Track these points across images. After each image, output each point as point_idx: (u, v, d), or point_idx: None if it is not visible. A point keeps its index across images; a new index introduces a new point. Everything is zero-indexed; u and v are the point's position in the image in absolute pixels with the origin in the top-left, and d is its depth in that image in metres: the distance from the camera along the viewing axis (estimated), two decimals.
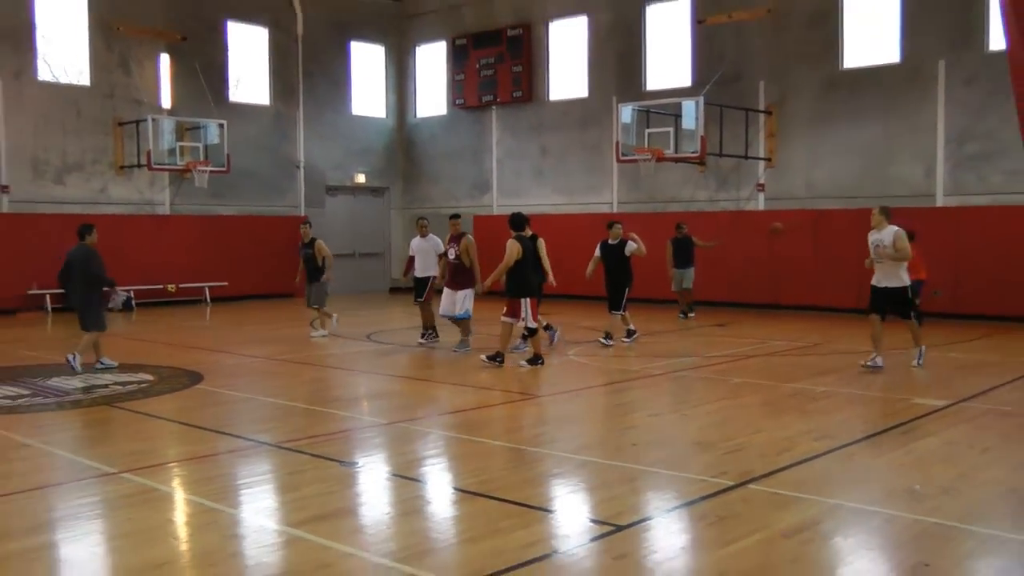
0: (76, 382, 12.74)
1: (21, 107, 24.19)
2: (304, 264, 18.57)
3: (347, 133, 30.90)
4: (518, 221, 14.45)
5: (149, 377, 13.14)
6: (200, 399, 11.85)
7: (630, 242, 16.27)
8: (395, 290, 30.04)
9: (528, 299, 14.00)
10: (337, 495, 7.52)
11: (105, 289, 14.02)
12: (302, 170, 29.76)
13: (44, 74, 24.84)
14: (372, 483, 8.14)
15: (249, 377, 13.84)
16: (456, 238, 15.75)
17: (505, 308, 14.13)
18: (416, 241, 16.78)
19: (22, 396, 11.75)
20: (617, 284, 16.43)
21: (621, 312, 16.47)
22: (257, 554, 6.12)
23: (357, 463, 8.63)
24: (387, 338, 17.13)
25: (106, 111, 25.63)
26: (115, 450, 9.15)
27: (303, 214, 28.97)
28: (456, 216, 16.50)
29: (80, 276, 13.58)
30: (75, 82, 25.41)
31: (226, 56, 28.11)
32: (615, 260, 16.40)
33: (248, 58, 28.74)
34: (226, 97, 27.87)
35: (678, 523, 6.80)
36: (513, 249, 13.92)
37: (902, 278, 13.29)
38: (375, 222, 31.35)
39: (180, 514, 7.19)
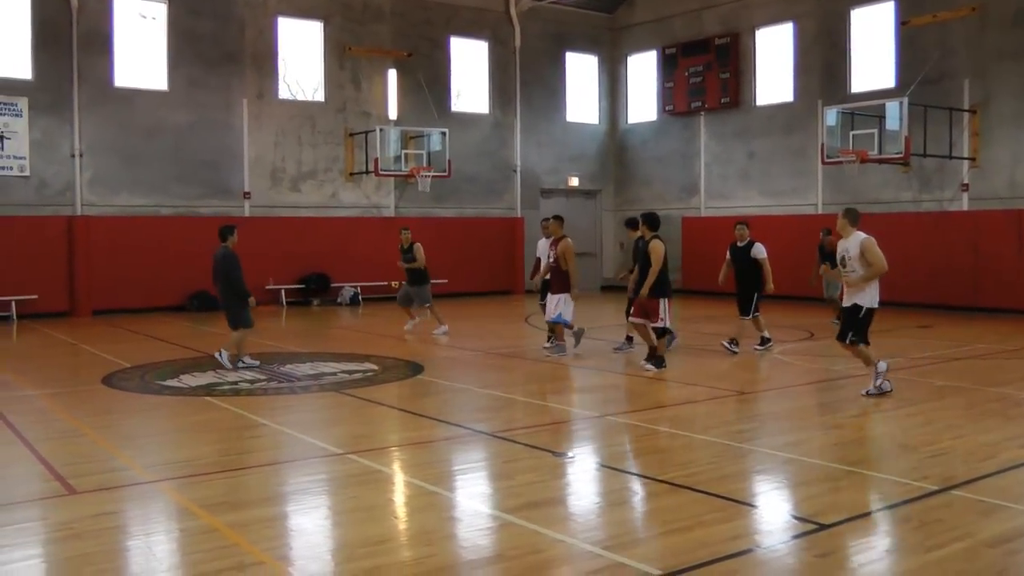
0: (307, 369, 13.85)
1: (262, 123, 26.42)
2: (406, 268, 18.99)
3: (561, 139, 31.93)
4: (655, 221, 14.12)
5: (374, 367, 14.18)
6: (421, 388, 12.64)
7: (758, 244, 15.69)
8: (607, 288, 30.66)
9: (667, 299, 13.73)
10: (549, 484, 7.81)
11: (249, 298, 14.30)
12: (519, 174, 30.93)
13: (283, 93, 27.10)
14: (582, 473, 8.42)
15: (467, 369, 14.45)
16: (556, 241, 15.48)
17: (633, 309, 14.09)
18: (542, 243, 16.63)
19: (259, 380, 13.03)
20: (746, 288, 15.73)
21: (751, 317, 15.70)
22: (472, 536, 6.48)
23: (569, 454, 8.92)
24: (598, 335, 17.49)
25: (338, 124, 27.59)
26: (342, 433, 9.91)
27: (519, 216, 30.26)
28: (551, 218, 16.07)
29: (222, 277, 14.19)
30: (310, 99, 27.63)
31: (449, 69, 29.64)
32: (743, 262, 15.74)
33: (469, 70, 30.24)
34: (448, 107, 29.41)
35: (880, 525, 6.79)
36: (660, 250, 13.72)
37: (868, 294, 11.35)
38: (587, 223, 32.10)
39: (400, 495, 7.73)
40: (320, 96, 27.73)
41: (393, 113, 28.47)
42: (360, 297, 26.47)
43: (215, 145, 25.94)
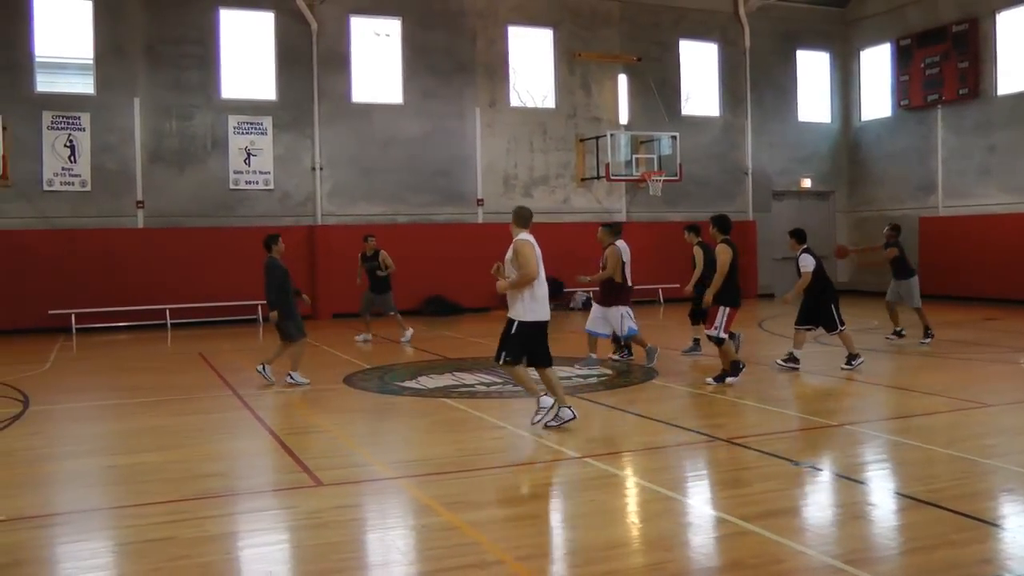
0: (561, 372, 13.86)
1: (495, 131, 26.94)
2: (369, 275, 19.14)
3: (793, 139, 31.15)
4: (726, 224, 13.10)
5: (608, 371, 14.14)
6: (654, 393, 12.53)
7: (805, 256, 14.10)
8: (844, 292, 29.40)
9: (728, 308, 12.71)
10: (786, 492, 7.62)
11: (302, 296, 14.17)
12: (750, 176, 30.36)
13: (514, 101, 27.51)
14: (819, 483, 8.13)
15: (699, 374, 14.02)
16: (604, 249, 14.79)
17: (723, 322, 12.95)
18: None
19: (495, 383, 13.19)
20: (819, 299, 14.16)
21: (838, 332, 14.13)
22: (709, 544, 6.41)
23: (806, 463, 8.56)
24: (835, 339, 16.93)
25: (569, 130, 27.82)
26: (578, 436, 9.82)
27: (751, 219, 29.61)
28: (601, 226, 15.38)
29: (269, 288, 13.92)
30: (541, 106, 27.85)
31: (678, 72, 29.41)
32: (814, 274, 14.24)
33: (698, 73, 29.91)
34: (678, 110, 29.23)
35: None
36: (726, 255, 12.74)
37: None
38: (820, 225, 31.12)
39: (636, 500, 7.63)
40: (551, 103, 28.03)
41: (624, 118, 28.49)
42: (592, 302, 26.40)
43: (448, 154, 26.63)
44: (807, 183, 31.37)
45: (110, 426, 11.29)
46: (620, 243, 15.02)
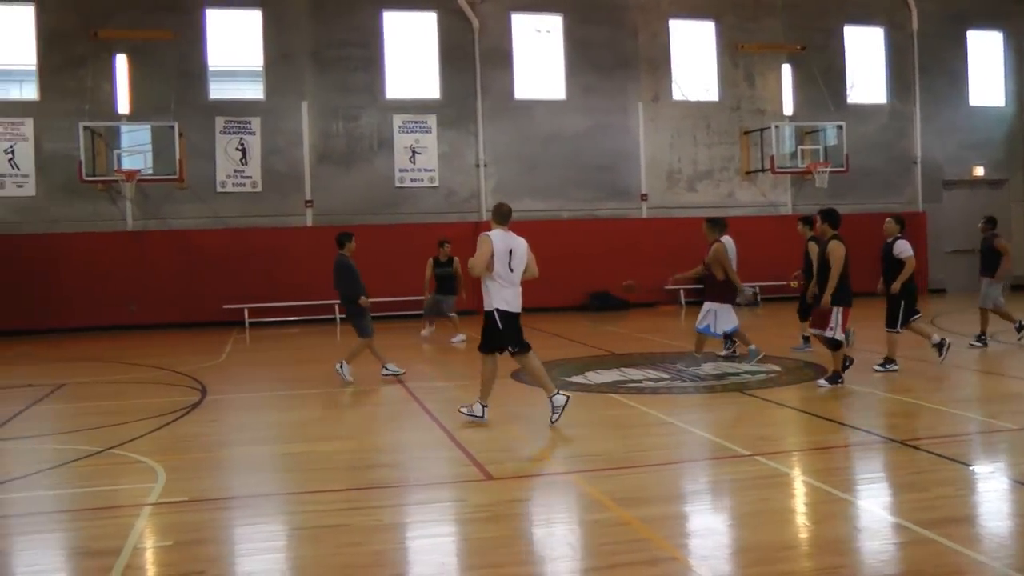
0: (709, 369, 13.71)
1: (658, 125, 26.79)
2: (439, 279, 19.32)
3: (964, 125, 29.92)
4: (836, 218, 12.36)
5: (776, 368, 13.83)
6: (824, 392, 12.06)
7: (901, 242, 13.36)
8: (1020, 287, 28.18)
9: (843, 308, 12.00)
10: (963, 499, 7.29)
11: (361, 300, 14.16)
12: (919, 165, 29.34)
13: (677, 94, 27.20)
14: (998, 490, 7.69)
15: (870, 373, 13.46)
16: (709, 245, 14.33)
17: (812, 318, 12.52)
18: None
19: (662, 379, 13.06)
20: (891, 294, 13.42)
21: (897, 330, 13.33)
22: (884, 550, 6.11)
23: (984, 468, 8.18)
24: (1007, 338, 16.26)
25: (732, 122, 27.43)
26: (747, 434, 9.66)
27: (921, 210, 28.57)
28: (706, 221, 14.84)
29: (337, 286, 14.15)
30: (704, 99, 27.49)
31: (843, 60, 28.63)
32: (887, 264, 13.53)
33: (864, 59, 29.01)
34: (844, 99, 28.46)
35: None
36: (841, 251, 12.04)
37: None
38: (995, 216, 29.73)
39: (807, 500, 7.37)
40: (714, 95, 27.69)
41: (788, 108, 27.85)
42: (759, 297, 26.04)
43: (611, 149, 26.57)
44: (980, 171, 30.07)
45: (283, 415, 11.63)
46: (726, 239, 14.67)
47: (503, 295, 10.37)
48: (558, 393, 10.23)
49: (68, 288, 23.81)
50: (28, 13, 24.27)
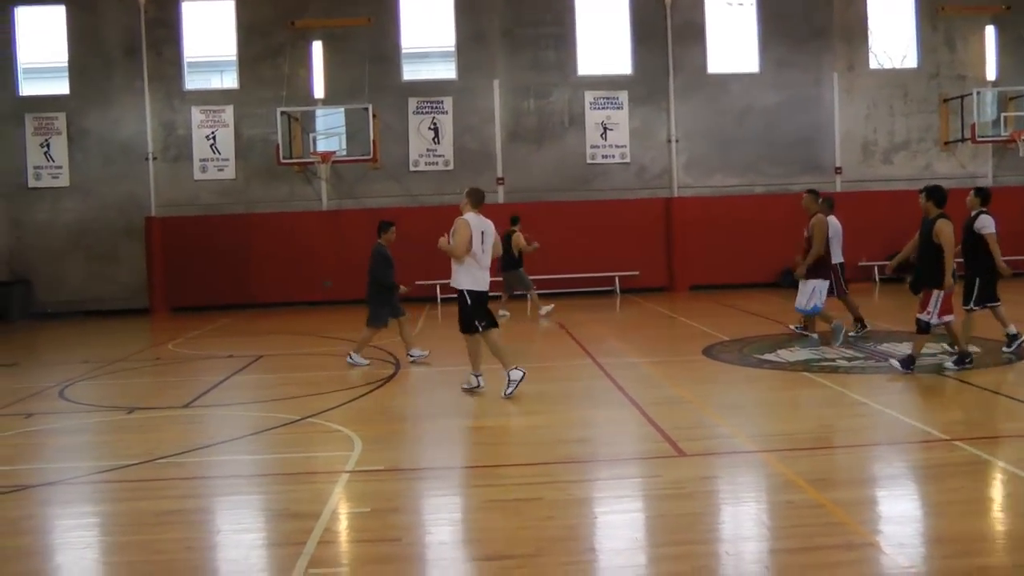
0: (905, 349, 12.88)
1: (853, 96, 26.00)
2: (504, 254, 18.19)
3: None
4: (942, 196, 11.45)
5: (976, 349, 13.10)
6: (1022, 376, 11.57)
7: (984, 217, 12.24)
8: None
9: (942, 292, 11.21)
10: None
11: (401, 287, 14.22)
12: None
13: (873, 63, 26.31)
14: None
15: None
16: (810, 217, 13.72)
17: (939, 307, 11.39)
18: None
19: (856, 359, 12.66)
20: (970, 272, 12.27)
21: (970, 308, 12.15)
22: None
23: None
24: None
25: (931, 90, 26.34)
26: (944, 417, 9.37)
27: None
28: (806, 192, 14.23)
29: (369, 271, 14.09)
30: (901, 66, 26.41)
31: None
32: (968, 238, 12.30)
33: None
34: None
35: None
36: (948, 231, 11.15)
37: None
38: None
39: (1008, 490, 6.96)
40: (912, 62, 26.53)
41: (991, 73, 26.50)
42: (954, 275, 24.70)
43: (805, 122, 25.90)
44: None
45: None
46: (832, 219, 14.25)
47: (473, 275, 10.91)
48: (515, 368, 10.74)
49: (266, 265, 24.87)
50: (229, 7, 25.52)
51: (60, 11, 25.59)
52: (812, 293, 13.60)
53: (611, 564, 5.65)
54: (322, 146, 24.16)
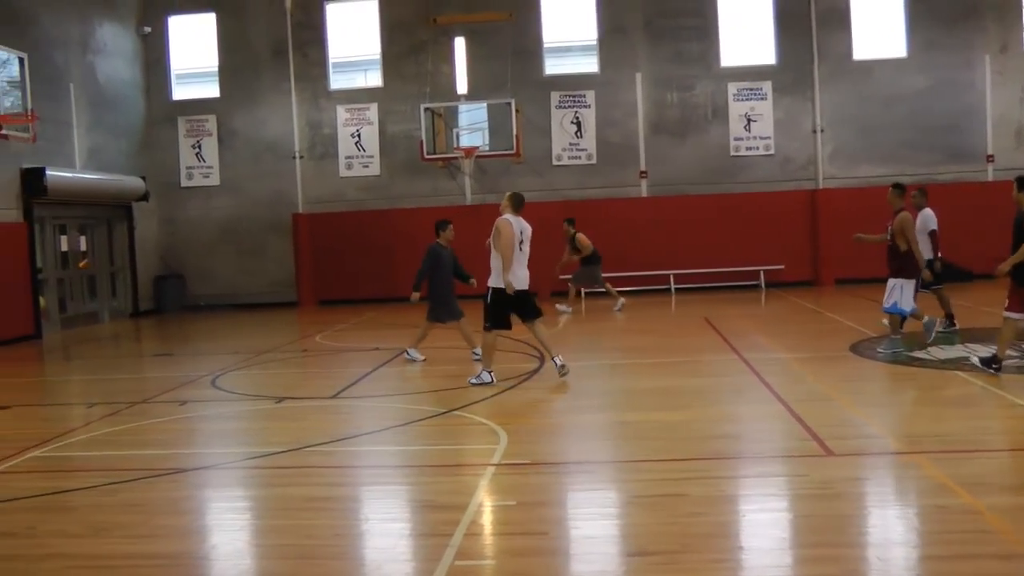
0: None
1: (1006, 79, 24.99)
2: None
3: None
4: None
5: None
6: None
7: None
8: None
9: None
10: None
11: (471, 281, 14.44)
12: None
13: None
14: None
15: None
16: (895, 213, 12.87)
17: (1007, 301, 10.77)
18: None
19: (1011, 357, 11.85)
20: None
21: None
22: None
23: None
24: None
25: None
26: None
27: None
28: (891, 187, 13.35)
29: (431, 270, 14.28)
30: None
31: None
32: (1017, 237, 11.04)
33: None
34: None
35: None
36: None
37: None
38: None
39: None
40: None
41: None
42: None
43: (954, 108, 25.01)
44: None
45: (619, 384, 11.87)
46: (927, 211, 13.93)
47: (518, 275, 11.56)
48: (557, 357, 11.67)
49: (410, 259, 25.08)
50: (372, 7, 26.07)
51: (211, 18, 26.59)
52: (892, 291, 12.95)
53: (758, 563, 5.56)
54: (465, 141, 24.40)
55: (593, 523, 6.41)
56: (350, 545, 6.21)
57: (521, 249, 11.61)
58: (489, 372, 11.64)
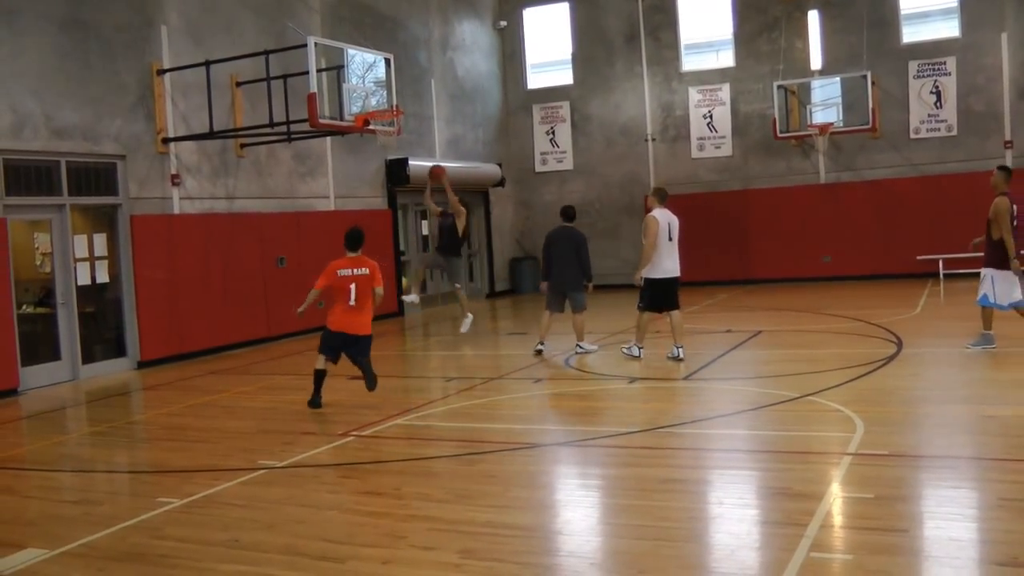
0: None
1: None
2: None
3: None
4: (1007, 173, 11.55)
5: None
6: None
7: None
8: None
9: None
10: None
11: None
12: None
13: None
14: None
15: None
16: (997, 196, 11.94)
17: None
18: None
19: None
20: None
21: None
22: None
23: None
24: None
25: None
26: None
27: None
28: (997, 169, 12.27)
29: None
30: None
31: None
32: None
33: None
34: None
35: None
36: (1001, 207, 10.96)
37: None
38: None
39: None
40: None
41: None
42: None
43: None
44: None
45: (984, 374, 11.22)
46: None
47: (664, 265, 12.66)
48: (679, 346, 12.68)
49: (763, 240, 24.94)
50: None
51: (564, 8, 27.42)
52: (983, 283, 12.14)
53: None
54: (819, 118, 23.81)
55: (956, 524, 6.04)
56: (704, 529, 6.28)
57: (670, 239, 12.69)
58: (639, 347, 13.04)
